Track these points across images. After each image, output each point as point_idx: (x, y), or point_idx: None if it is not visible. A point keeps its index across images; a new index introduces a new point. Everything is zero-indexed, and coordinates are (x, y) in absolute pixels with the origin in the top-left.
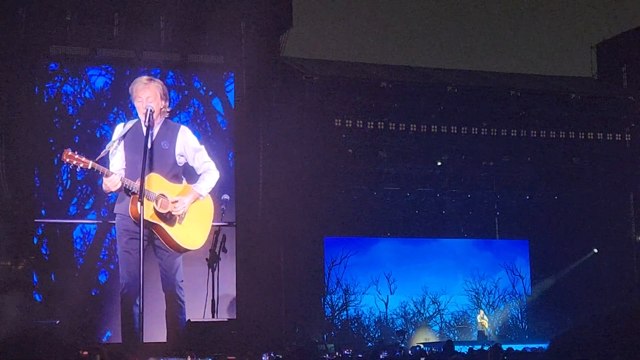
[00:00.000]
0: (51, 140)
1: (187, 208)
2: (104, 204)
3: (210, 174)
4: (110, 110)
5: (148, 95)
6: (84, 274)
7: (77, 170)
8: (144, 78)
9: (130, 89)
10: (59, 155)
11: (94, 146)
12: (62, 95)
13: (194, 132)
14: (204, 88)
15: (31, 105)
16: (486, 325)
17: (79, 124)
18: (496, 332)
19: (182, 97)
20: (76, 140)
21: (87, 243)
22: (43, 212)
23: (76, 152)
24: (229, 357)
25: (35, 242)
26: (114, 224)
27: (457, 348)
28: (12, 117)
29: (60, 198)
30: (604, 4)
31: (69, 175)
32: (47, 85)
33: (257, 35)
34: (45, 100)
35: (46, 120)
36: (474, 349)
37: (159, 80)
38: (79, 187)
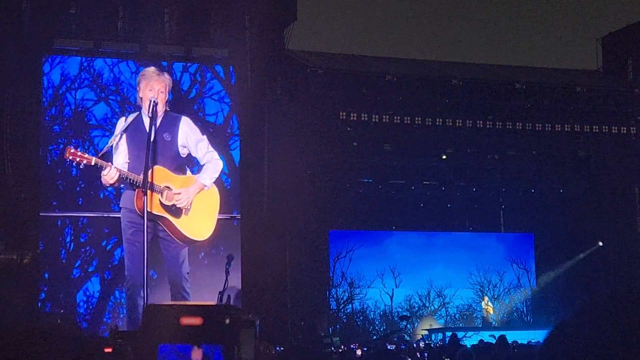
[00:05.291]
0: (55, 202)
1: (191, 199)
2: (108, 266)
3: (213, 163)
4: None
5: (159, 88)
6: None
7: (81, 167)
8: (153, 70)
9: (138, 79)
10: (60, 214)
11: (97, 206)
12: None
13: None
14: None
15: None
16: (491, 312)
17: (82, 185)
18: (500, 318)
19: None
20: (79, 202)
21: (91, 307)
22: (46, 274)
23: (79, 149)
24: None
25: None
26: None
27: (461, 335)
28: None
29: (64, 261)
30: None
31: (72, 238)
32: (50, 148)
33: (261, 29)
34: (49, 163)
35: (50, 182)
36: (480, 337)
37: (167, 74)
38: (83, 249)
